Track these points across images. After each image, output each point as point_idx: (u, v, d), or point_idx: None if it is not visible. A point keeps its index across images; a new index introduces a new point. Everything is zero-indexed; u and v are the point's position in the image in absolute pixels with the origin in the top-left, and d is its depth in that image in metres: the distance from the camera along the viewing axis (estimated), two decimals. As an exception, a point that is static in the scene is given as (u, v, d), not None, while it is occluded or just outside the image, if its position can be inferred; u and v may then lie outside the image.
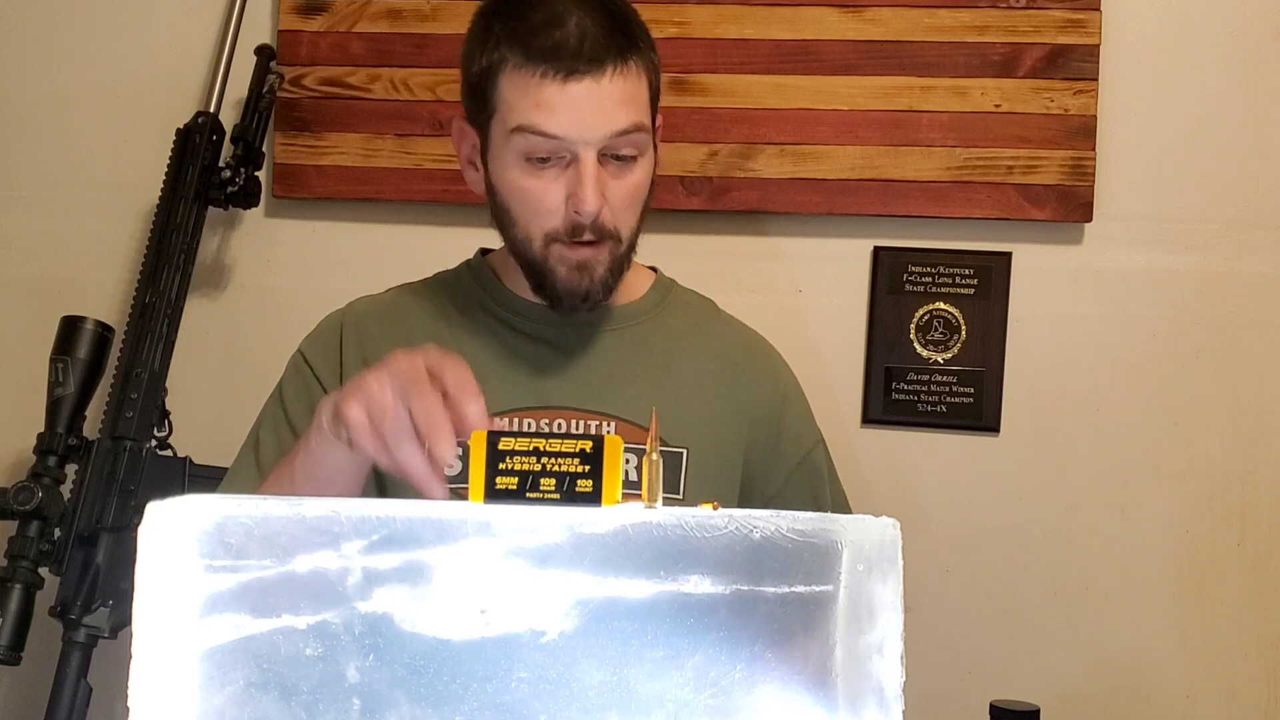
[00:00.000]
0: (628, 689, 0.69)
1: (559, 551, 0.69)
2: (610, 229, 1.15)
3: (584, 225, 1.14)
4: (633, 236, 1.19)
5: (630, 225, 1.18)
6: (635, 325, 1.29)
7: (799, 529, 0.70)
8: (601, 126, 1.11)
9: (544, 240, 1.16)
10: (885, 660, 0.70)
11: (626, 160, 1.15)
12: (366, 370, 0.94)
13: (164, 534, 0.69)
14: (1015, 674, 1.68)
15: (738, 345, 1.33)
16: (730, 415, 1.27)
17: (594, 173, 1.12)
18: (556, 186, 1.14)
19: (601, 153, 1.13)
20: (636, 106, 1.14)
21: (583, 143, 1.11)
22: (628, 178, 1.15)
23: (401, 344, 1.24)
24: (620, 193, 1.15)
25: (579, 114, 1.11)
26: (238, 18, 1.75)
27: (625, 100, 1.13)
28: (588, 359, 1.25)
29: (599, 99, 1.11)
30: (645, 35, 1.18)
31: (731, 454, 1.26)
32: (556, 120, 1.11)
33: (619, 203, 1.15)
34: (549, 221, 1.15)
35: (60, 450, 1.52)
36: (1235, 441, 1.70)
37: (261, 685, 0.68)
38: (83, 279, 1.83)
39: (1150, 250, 1.71)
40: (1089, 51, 1.69)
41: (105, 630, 1.50)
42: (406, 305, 1.31)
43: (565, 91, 1.10)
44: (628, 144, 1.14)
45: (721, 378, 1.28)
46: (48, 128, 1.85)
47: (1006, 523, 1.72)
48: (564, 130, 1.11)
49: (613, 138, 1.12)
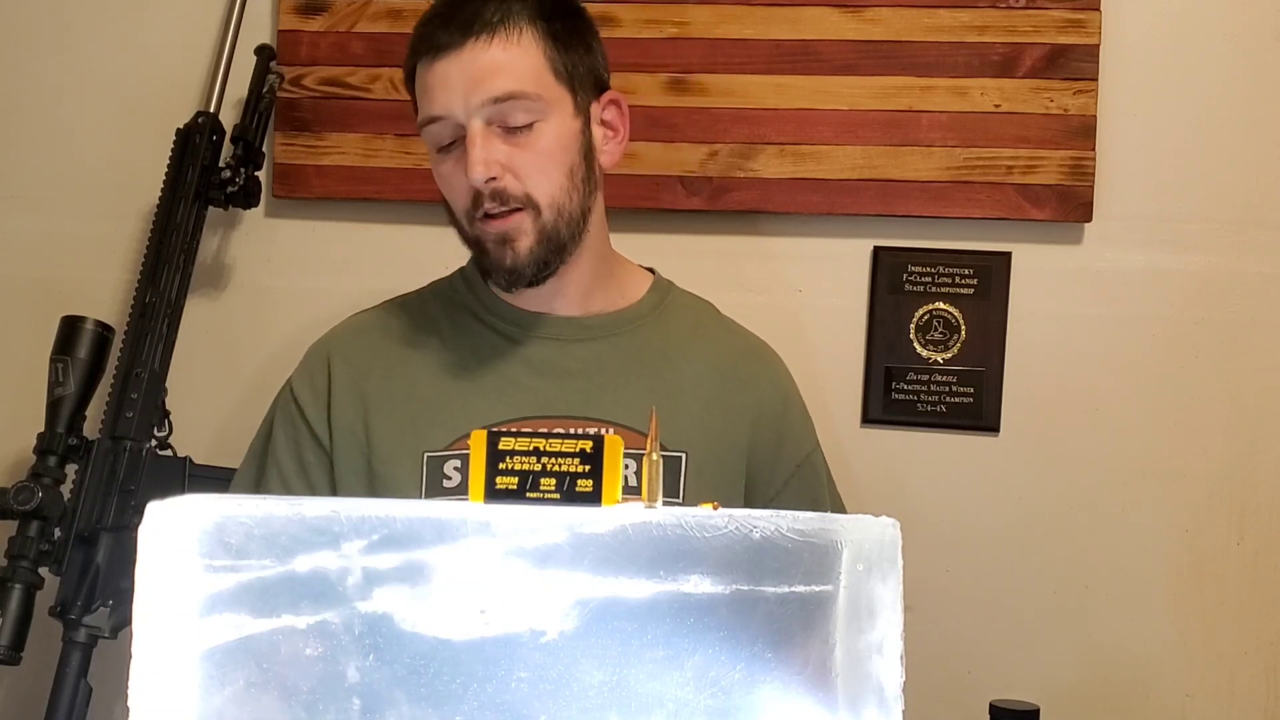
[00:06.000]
0: (628, 689, 0.69)
1: (559, 551, 0.69)
2: (518, 195, 1.16)
3: (483, 194, 1.16)
4: (559, 204, 1.18)
5: (548, 192, 1.17)
6: (633, 330, 1.28)
7: (799, 529, 0.70)
8: (474, 95, 1.14)
9: (467, 220, 1.20)
10: (885, 660, 0.70)
11: (522, 128, 1.16)
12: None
13: (164, 534, 0.69)
14: (1015, 674, 1.68)
15: (737, 350, 1.33)
16: (730, 419, 1.26)
17: (478, 141, 1.14)
18: (460, 167, 1.17)
19: (493, 123, 1.15)
20: (514, 72, 1.15)
21: (462, 115, 1.15)
22: (527, 143, 1.16)
23: (394, 361, 1.25)
24: (523, 158, 1.16)
25: (450, 89, 1.15)
26: (238, 18, 1.75)
27: (495, 68, 1.15)
28: (585, 365, 1.24)
29: (463, 69, 1.15)
30: (555, 10, 1.20)
31: (732, 458, 1.25)
32: (436, 100, 1.16)
33: (525, 168, 1.16)
34: (462, 201, 1.19)
35: (60, 450, 1.52)
36: (1235, 441, 1.70)
37: (261, 685, 0.68)
38: (83, 279, 1.83)
39: (1150, 250, 1.71)
40: (1089, 51, 1.69)
41: (105, 630, 1.50)
42: (396, 321, 1.30)
43: (434, 70, 1.16)
44: (514, 110, 1.15)
45: (721, 382, 1.28)
46: (48, 127, 1.85)
47: (1006, 523, 1.72)
48: (441, 107, 1.16)
49: (490, 104, 1.15)
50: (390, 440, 1.21)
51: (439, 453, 1.19)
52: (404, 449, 1.20)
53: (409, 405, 1.22)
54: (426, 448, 1.20)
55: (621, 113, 1.26)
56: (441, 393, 1.22)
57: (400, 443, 1.21)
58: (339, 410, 1.23)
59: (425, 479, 1.19)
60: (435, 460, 1.19)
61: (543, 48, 1.18)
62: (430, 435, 1.20)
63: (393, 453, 1.20)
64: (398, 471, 1.19)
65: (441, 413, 1.21)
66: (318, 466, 1.23)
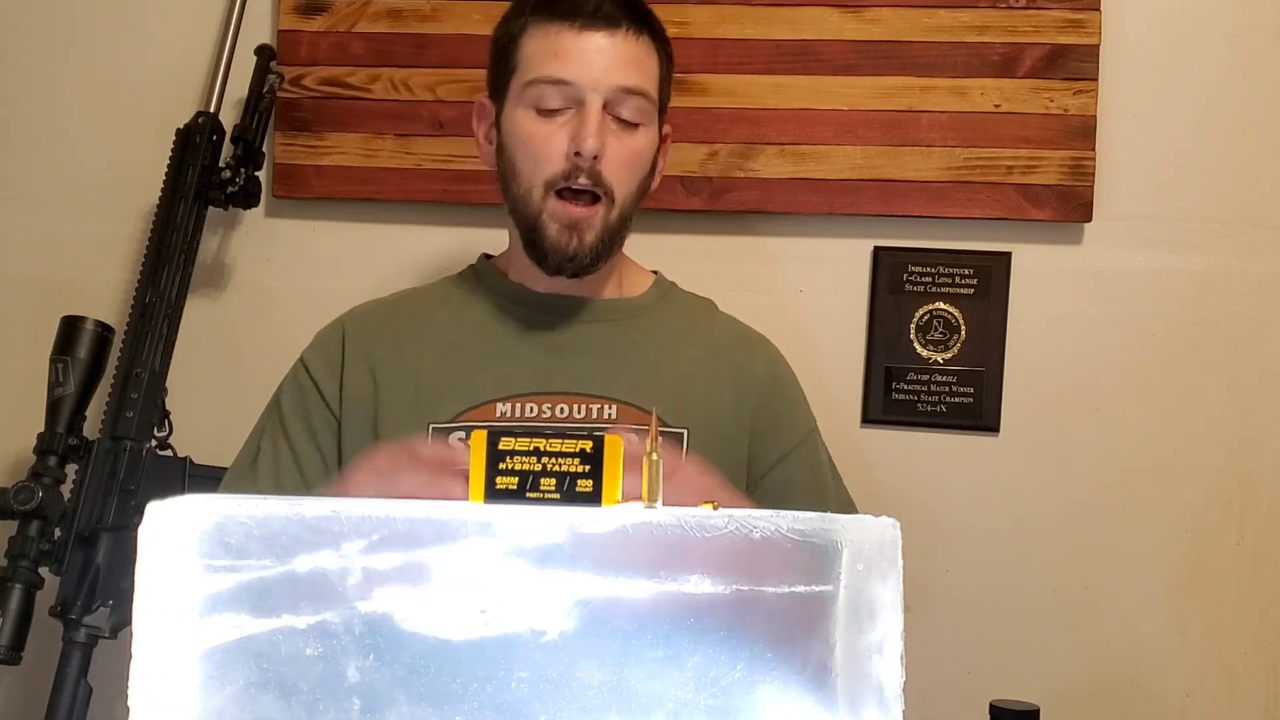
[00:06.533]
0: (628, 689, 0.69)
1: (559, 551, 0.69)
2: (606, 184, 1.21)
3: (581, 169, 1.20)
4: (626, 205, 1.24)
5: (626, 189, 1.23)
6: (634, 317, 1.33)
7: (799, 529, 0.70)
8: (610, 77, 1.20)
9: (543, 190, 1.22)
10: (885, 660, 0.70)
11: (629, 125, 1.22)
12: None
13: (164, 534, 0.69)
14: (1015, 674, 1.68)
15: (732, 336, 1.37)
16: (728, 398, 1.30)
17: (598, 117, 1.19)
18: (562, 133, 1.21)
19: (607, 109, 1.20)
20: (645, 74, 1.22)
21: (590, 89, 1.19)
22: (629, 140, 1.22)
23: (404, 338, 1.29)
24: (620, 151, 1.22)
25: (589, 62, 1.19)
26: (238, 18, 1.75)
27: (635, 62, 1.21)
28: (590, 346, 1.29)
29: (610, 51, 1.20)
30: (661, 29, 1.27)
31: (732, 434, 1.29)
32: (569, 66, 1.20)
33: (617, 161, 1.22)
34: (549, 166, 1.21)
35: (60, 450, 1.52)
36: (1235, 441, 1.70)
37: (261, 685, 0.68)
38: (83, 279, 1.83)
39: (1150, 250, 1.71)
40: (1089, 51, 1.69)
41: (105, 630, 1.50)
42: (410, 303, 1.36)
43: (579, 40, 1.20)
44: (632, 106, 1.21)
45: (717, 364, 1.32)
46: (48, 127, 1.85)
47: (1006, 523, 1.72)
48: (574, 75, 1.19)
49: (619, 91, 1.20)
50: (398, 412, 1.26)
51: (445, 424, 1.24)
52: (411, 420, 1.25)
53: (416, 379, 1.27)
54: (433, 419, 1.24)
55: (666, 146, 1.33)
56: (448, 367, 1.28)
57: (407, 414, 1.25)
58: (350, 381, 1.28)
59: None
60: (440, 432, 1.24)
61: (659, 62, 1.26)
62: (436, 407, 1.25)
63: (400, 424, 1.25)
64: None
65: (447, 386, 1.26)
66: (325, 433, 1.28)
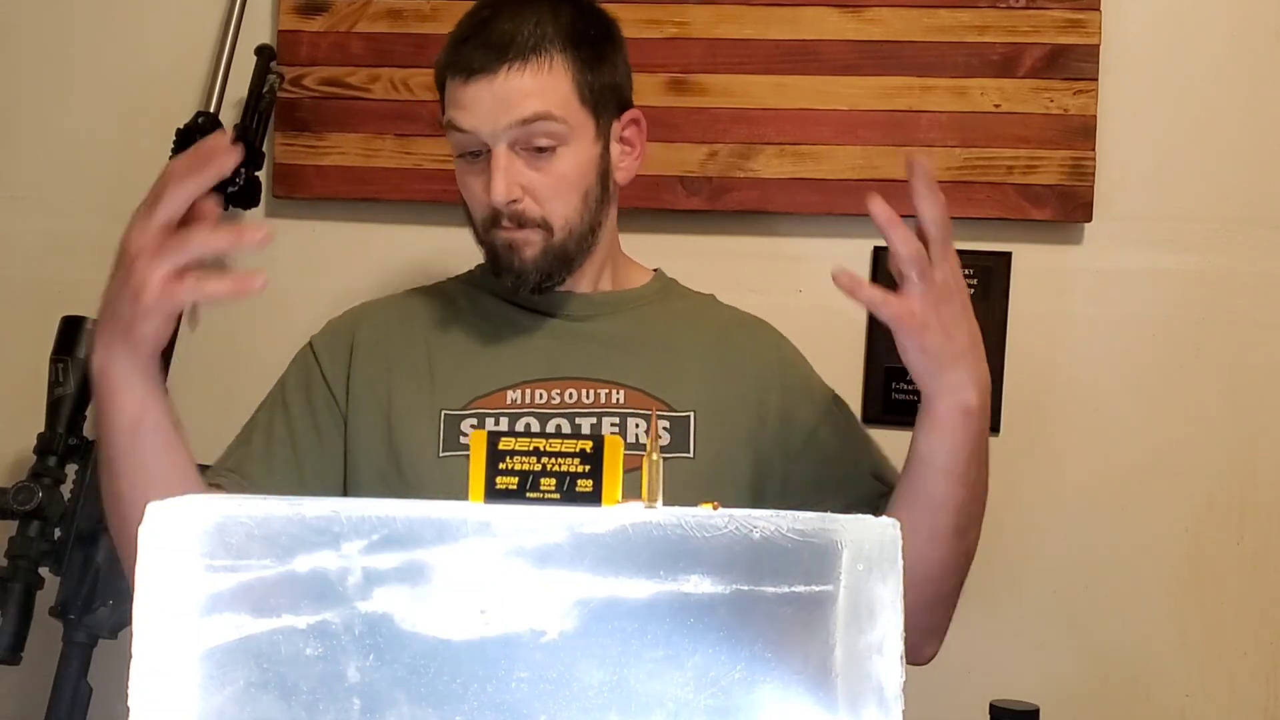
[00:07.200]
0: (628, 689, 0.69)
1: (559, 551, 0.69)
2: (535, 218, 1.23)
3: (501, 214, 1.23)
4: (571, 225, 1.25)
5: (564, 212, 1.24)
6: (637, 308, 1.35)
7: (799, 529, 0.70)
8: (503, 118, 1.20)
9: (484, 226, 1.26)
10: (885, 660, 0.70)
11: (545, 150, 1.22)
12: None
13: (164, 534, 0.69)
14: (1015, 674, 1.68)
15: (735, 321, 1.40)
16: (734, 380, 1.31)
17: (502, 164, 1.21)
18: (482, 179, 1.23)
19: (517, 144, 1.21)
20: (545, 96, 1.21)
21: (489, 137, 1.21)
22: (549, 168, 1.23)
23: (415, 329, 1.33)
24: (542, 181, 1.23)
25: (478, 110, 1.21)
26: (238, 18, 1.75)
27: (528, 93, 1.21)
28: (596, 334, 1.31)
29: (496, 93, 1.20)
30: (568, 27, 1.24)
31: (740, 416, 1.29)
32: (466, 117, 1.22)
33: (543, 192, 1.23)
34: (480, 210, 1.26)
35: (60, 450, 1.52)
36: (1235, 441, 1.70)
37: (261, 685, 0.68)
38: (83, 279, 1.81)
39: (1150, 250, 1.71)
40: (1089, 51, 1.69)
41: (105, 630, 1.50)
42: (416, 301, 1.38)
43: (468, 90, 1.22)
44: (539, 132, 1.21)
45: (722, 348, 1.34)
46: (48, 128, 1.85)
47: (1006, 523, 1.71)
48: (472, 125, 1.22)
49: (517, 127, 1.21)
50: (410, 398, 1.28)
51: (456, 411, 1.26)
52: (423, 406, 1.27)
53: (428, 366, 1.29)
54: (445, 406, 1.26)
55: (640, 130, 1.33)
56: (459, 355, 1.30)
57: (419, 400, 1.27)
58: (361, 368, 1.30)
59: (442, 436, 1.25)
60: (453, 418, 1.26)
61: (572, 74, 1.23)
62: (448, 394, 1.27)
63: (412, 410, 1.27)
64: (416, 428, 1.26)
65: (458, 373, 1.29)
66: (325, 413, 1.29)
